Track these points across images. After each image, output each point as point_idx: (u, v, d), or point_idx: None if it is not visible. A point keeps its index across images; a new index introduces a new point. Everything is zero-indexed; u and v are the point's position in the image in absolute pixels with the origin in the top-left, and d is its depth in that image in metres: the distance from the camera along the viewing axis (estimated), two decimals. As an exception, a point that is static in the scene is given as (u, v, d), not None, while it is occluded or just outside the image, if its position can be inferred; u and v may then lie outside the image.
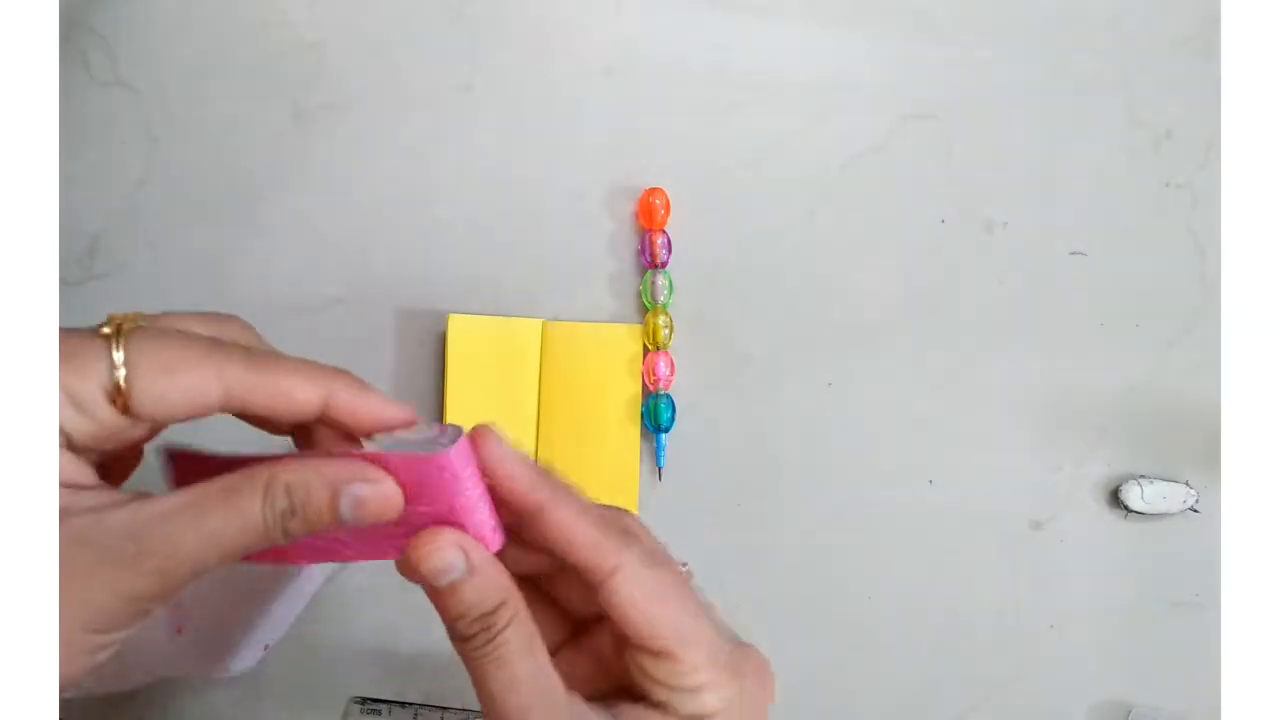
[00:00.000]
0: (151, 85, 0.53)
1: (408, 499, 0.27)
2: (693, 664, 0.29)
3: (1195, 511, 0.50)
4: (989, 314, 0.52)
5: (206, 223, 0.53)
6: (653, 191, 0.51)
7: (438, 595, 0.28)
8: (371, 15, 0.53)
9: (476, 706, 0.50)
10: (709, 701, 0.29)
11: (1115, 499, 0.50)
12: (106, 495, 0.25)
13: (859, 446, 0.51)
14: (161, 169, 0.53)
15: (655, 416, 0.50)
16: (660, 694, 0.29)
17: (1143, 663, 0.50)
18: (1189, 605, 0.50)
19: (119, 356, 0.25)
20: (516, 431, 0.51)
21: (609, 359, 0.51)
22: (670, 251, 0.51)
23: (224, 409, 0.27)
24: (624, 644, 0.29)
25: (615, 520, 0.30)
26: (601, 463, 0.51)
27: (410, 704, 0.49)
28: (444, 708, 0.49)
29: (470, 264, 0.52)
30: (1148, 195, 0.53)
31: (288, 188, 0.53)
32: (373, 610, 0.50)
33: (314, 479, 0.26)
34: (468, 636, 0.28)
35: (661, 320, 0.50)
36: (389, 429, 0.28)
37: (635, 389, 0.51)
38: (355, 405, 0.28)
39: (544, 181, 0.52)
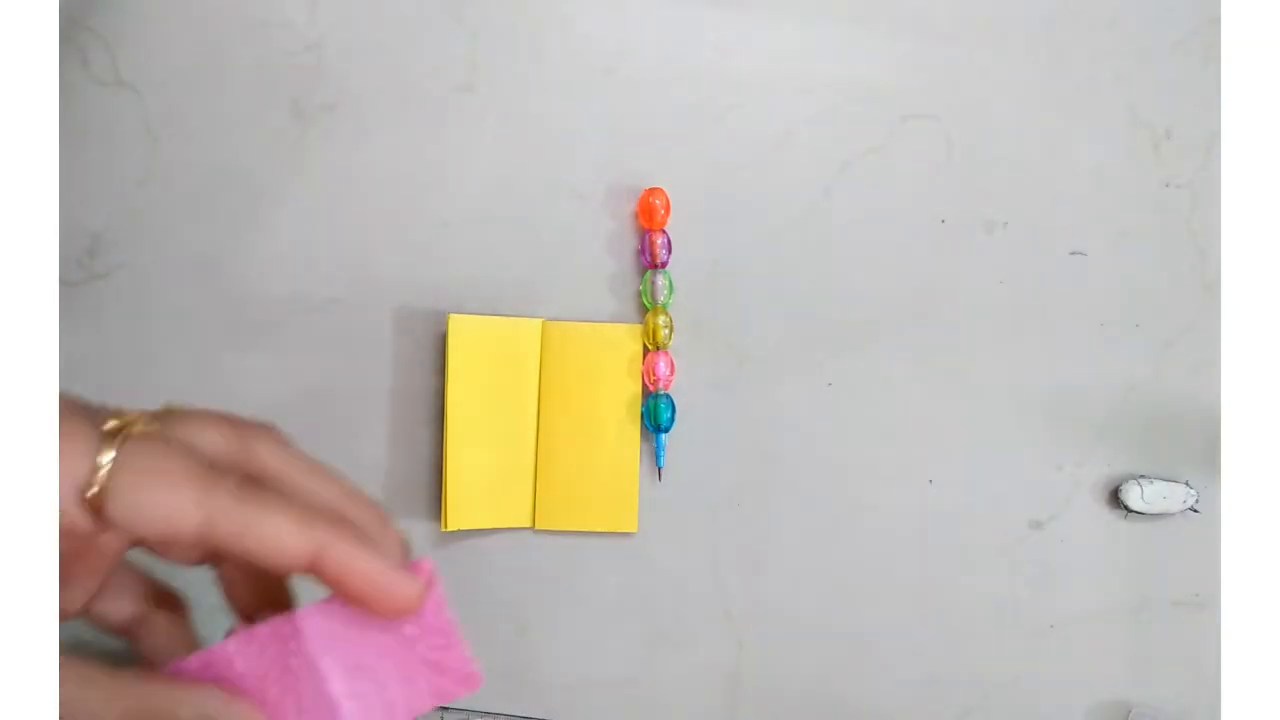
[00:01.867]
0: (151, 85, 0.53)
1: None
2: None
3: (1195, 511, 0.50)
4: (989, 314, 0.52)
5: (206, 223, 0.53)
6: (653, 191, 0.51)
7: None
8: (371, 15, 0.53)
9: (477, 707, 0.51)
10: None
11: (1115, 499, 0.50)
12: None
13: (859, 446, 0.51)
14: (161, 169, 0.53)
15: (655, 416, 0.50)
16: None
17: (1143, 663, 0.50)
18: (1189, 605, 0.50)
19: (107, 457, 0.24)
20: (517, 431, 0.51)
21: (609, 359, 0.51)
22: (670, 251, 0.51)
23: (202, 541, 0.24)
24: None
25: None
26: (601, 463, 0.51)
27: (410, 704, 0.49)
28: (444, 708, 0.49)
29: (470, 264, 0.52)
30: (1148, 195, 0.53)
31: (288, 188, 0.53)
32: (373, 610, 0.50)
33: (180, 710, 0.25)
34: None
35: (661, 320, 0.50)
36: (379, 600, 0.24)
37: (635, 389, 0.51)
38: (348, 567, 0.24)
39: (544, 181, 0.52)
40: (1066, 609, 0.50)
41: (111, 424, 0.25)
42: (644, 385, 0.51)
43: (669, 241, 0.51)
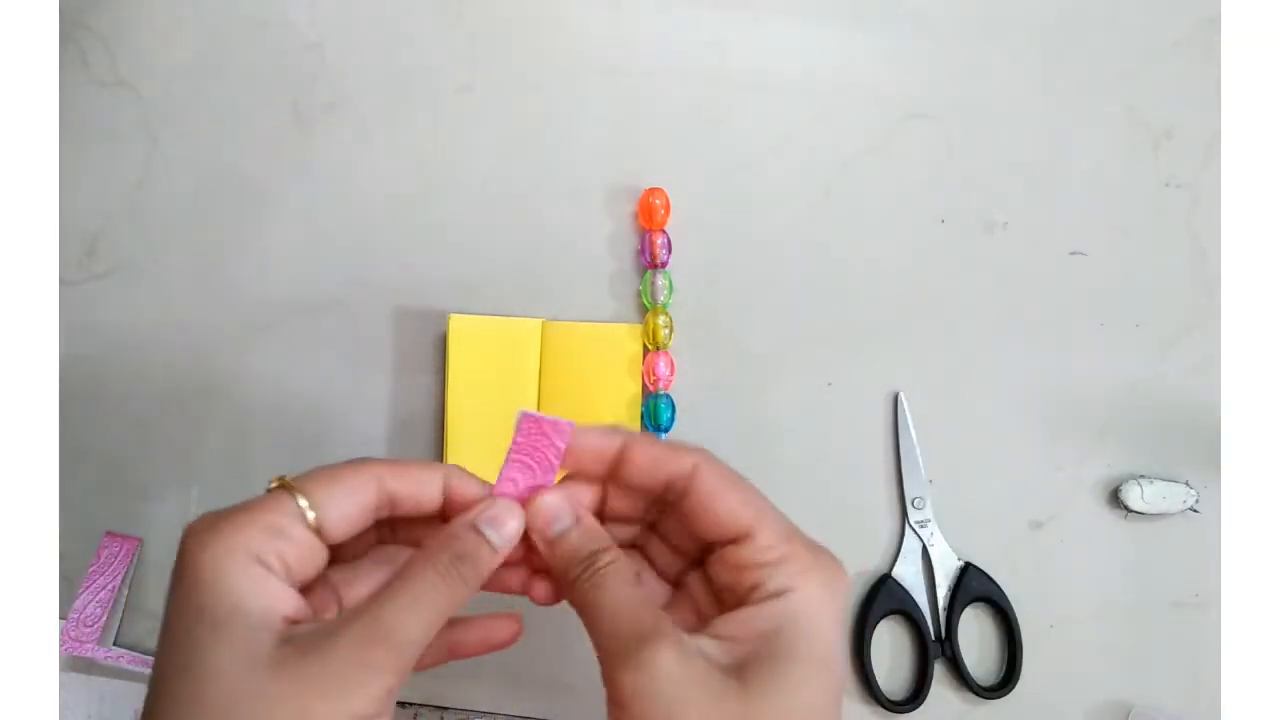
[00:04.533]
0: (151, 85, 0.53)
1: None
2: (771, 538, 0.32)
3: (1195, 511, 0.50)
4: (989, 314, 0.52)
5: (206, 223, 0.53)
6: (653, 191, 0.51)
7: (550, 546, 0.33)
8: (371, 15, 0.53)
9: (477, 707, 0.51)
10: (791, 574, 0.31)
11: (1115, 499, 0.50)
12: (319, 623, 0.29)
13: (858, 446, 0.51)
14: (161, 169, 0.53)
15: (655, 416, 0.50)
16: (746, 579, 0.31)
17: (1143, 663, 0.50)
18: (1189, 605, 0.50)
19: (302, 501, 0.30)
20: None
21: (609, 359, 0.51)
22: (670, 251, 0.51)
23: (379, 504, 0.32)
24: (713, 561, 0.33)
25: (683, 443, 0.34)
26: (601, 463, 0.51)
27: (410, 704, 0.49)
28: (444, 708, 0.49)
29: (470, 264, 0.52)
30: (1148, 195, 0.53)
31: (288, 188, 0.53)
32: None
33: (454, 526, 0.32)
34: (575, 577, 0.32)
35: (661, 320, 0.50)
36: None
37: (635, 389, 0.51)
38: (465, 488, 0.33)
39: (544, 181, 0.52)
40: (1066, 609, 0.50)
41: (273, 484, 0.30)
42: (644, 385, 0.51)
43: (669, 241, 0.51)
